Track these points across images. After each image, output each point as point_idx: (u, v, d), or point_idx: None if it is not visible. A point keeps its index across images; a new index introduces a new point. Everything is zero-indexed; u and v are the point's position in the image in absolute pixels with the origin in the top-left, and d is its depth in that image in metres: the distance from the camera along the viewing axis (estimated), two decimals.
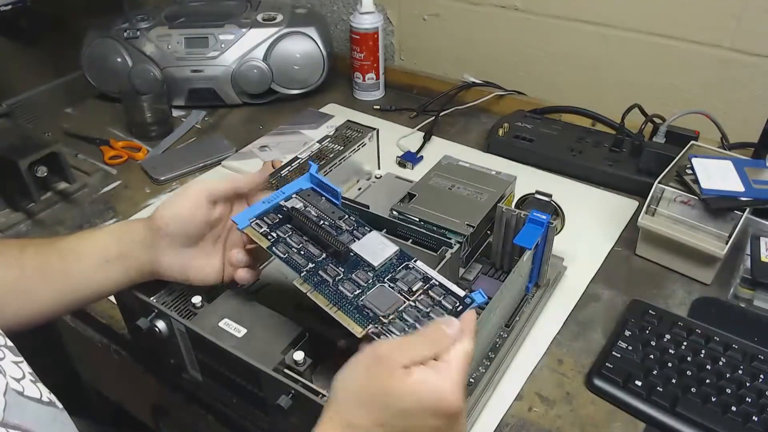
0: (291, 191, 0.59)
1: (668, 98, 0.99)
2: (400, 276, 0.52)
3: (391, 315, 0.49)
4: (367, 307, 0.49)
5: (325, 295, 0.50)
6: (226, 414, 0.62)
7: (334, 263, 0.53)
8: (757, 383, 0.58)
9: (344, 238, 0.54)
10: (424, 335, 0.45)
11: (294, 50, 1.11)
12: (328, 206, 0.58)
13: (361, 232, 0.56)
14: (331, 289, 0.51)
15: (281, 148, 1.01)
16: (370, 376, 0.42)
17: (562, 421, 0.58)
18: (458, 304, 0.50)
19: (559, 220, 0.81)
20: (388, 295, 0.50)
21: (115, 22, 1.12)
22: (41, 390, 0.42)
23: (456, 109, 1.09)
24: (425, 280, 0.51)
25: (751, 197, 0.69)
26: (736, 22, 0.89)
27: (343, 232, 0.55)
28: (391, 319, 0.48)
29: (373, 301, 0.49)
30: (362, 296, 0.50)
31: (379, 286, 0.51)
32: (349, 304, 0.49)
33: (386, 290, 0.50)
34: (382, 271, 0.52)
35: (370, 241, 0.55)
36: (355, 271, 0.52)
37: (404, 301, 0.50)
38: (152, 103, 1.05)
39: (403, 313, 0.49)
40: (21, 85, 1.19)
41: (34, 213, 0.89)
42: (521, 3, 1.06)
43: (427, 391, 0.41)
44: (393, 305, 0.49)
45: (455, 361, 0.43)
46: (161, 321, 0.56)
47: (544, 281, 0.70)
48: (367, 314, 0.49)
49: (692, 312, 0.69)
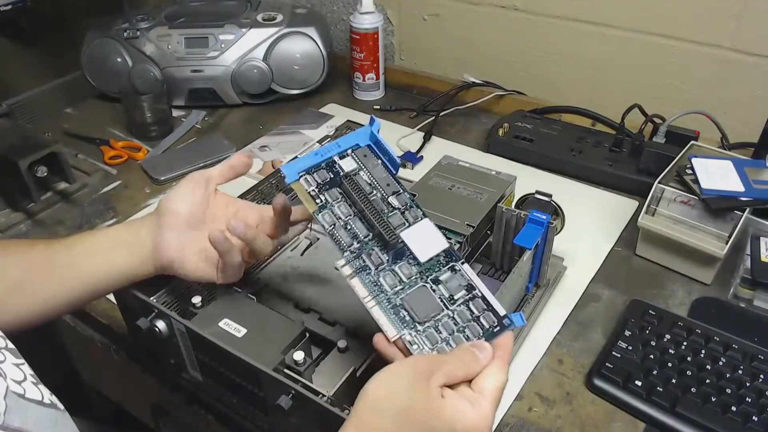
0: (347, 146, 0.52)
1: (668, 98, 0.99)
2: (444, 278, 0.48)
3: (428, 323, 0.46)
4: (405, 308, 0.46)
5: (365, 284, 0.47)
6: (226, 414, 0.62)
7: (380, 247, 0.48)
8: (757, 383, 0.58)
9: (394, 221, 0.49)
10: (457, 356, 0.44)
11: (294, 50, 1.11)
12: (383, 175, 0.51)
13: (413, 216, 0.50)
14: (372, 278, 0.47)
15: (281, 148, 1.01)
16: (409, 391, 0.41)
17: (562, 421, 0.58)
18: (496, 324, 0.47)
19: (559, 220, 0.81)
20: (428, 298, 0.47)
21: (115, 22, 1.12)
22: (42, 392, 0.42)
23: (456, 109, 1.09)
24: (468, 288, 0.48)
25: (751, 197, 0.69)
26: (736, 22, 0.89)
27: (394, 211, 0.50)
28: (426, 327, 0.46)
29: (412, 303, 0.46)
30: (402, 294, 0.47)
31: (421, 286, 0.48)
32: (387, 301, 0.46)
33: (427, 292, 0.47)
34: (427, 268, 0.48)
35: (422, 230, 0.49)
36: (399, 263, 0.48)
37: (443, 309, 0.47)
38: (152, 103, 1.05)
39: (440, 323, 0.46)
40: (21, 85, 1.19)
41: (34, 213, 0.89)
42: (521, 3, 1.06)
43: (462, 425, 0.41)
44: (432, 312, 0.46)
45: (491, 396, 0.42)
46: (161, 321, 0.56)
47: (544, 281, 0.70)
48: (404, 317, 0.46)
49: (692, 312, 0.69)
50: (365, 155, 0.52)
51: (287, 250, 0.70)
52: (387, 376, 0.42)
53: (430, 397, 0.41)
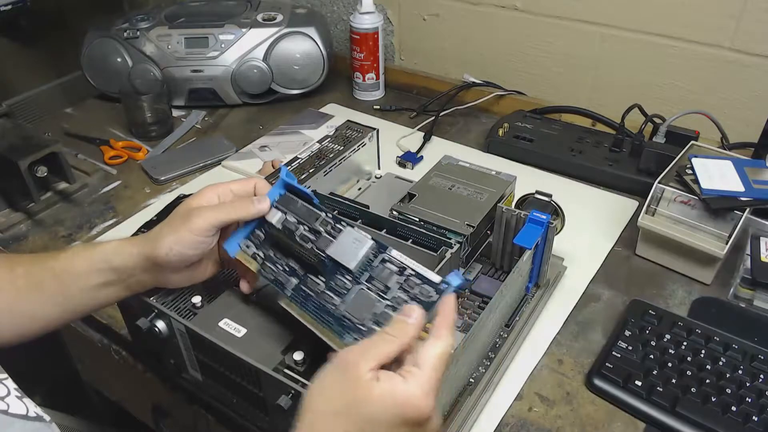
0: (272, 200, 0.56)
1: (668, 98, 0.99)
2: (376, 273, 0.49)
3: (370, 321, 0.47)
4: (346, 317, 0.48)
5: (310, 311, 0.50)
6: (226, 414, 0.62)
7: (314, 274, 0.51)
8: (757, 383, 0.58)
9: (321, 243, 0.52)
10: (387, 333, 0.44)
11: (294, 50, 1.11)
12: (305, 210, 0.54)
13: (338, 230, 0.52)
14: (316, 303, 0.50)
15: (281, 148, 1.01)
16: (338, 385, 0.42)
17: (562, 421, 0.58)
18: (434, 292, 0.47)
19: (559, 220, 0.81)
20: (366, 299, 0.48)
21: (115, 22, 1.12)
22: (27, 405, 0.42)
23: (456, 109, 1.09)
24: (400, 271, 0.48)
25: (751, 197, 0.69)
26: (736, 22, 0.89)
27: (320, 236, 0.52)
28: (369, 327, 0.47)
29: (351, 310, 0.48)
30: (343, 306, 0.49)
31: (359, 290, 0.49)
32: (331, 317, 0.49)
33: (364, 294, 0.49)
34: (360, 271, 0.50)
35: (345, 240, 0.51)
36: (334, 278, 0.50)
37: (380, 302, 0.48)
38: (152, 103, 1.05)
39: (379, 317, 0.47)
40: (21, 85, 1.19)
41: (34, 213, 0.89)
42: (521, 3, 1.06)
43: (394, 401, 0.40)
44: (369, 310, 0.48)
45: (429, 365, 0.42)
46: (161, 321, 0.56)
47: (544, 281, 0.70)
48: (347, 325, 0.48)
49: (692, 312, 0.69)
50: (286, 200, 0.55)
51: None
52: (318, 379, 0.43)
53: (358, 385, 0.41)
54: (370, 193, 0.79)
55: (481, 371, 0.60)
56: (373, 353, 0.42)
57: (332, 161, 0.74)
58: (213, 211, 0.52)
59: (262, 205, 0.54)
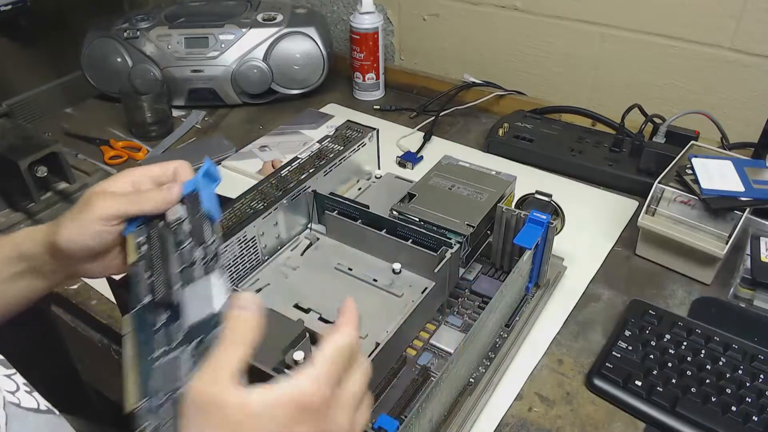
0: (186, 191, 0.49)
1: (668, 98, 0.99)
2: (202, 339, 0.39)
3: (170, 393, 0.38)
4: (155, 375, 0.39)
5: (136, 342, 0.41)
6: None
7: (165, 305, 0.43)
8: (757, 383, 0.58)
9: (195, 275, 0.44)
10: (225, 341, 0.37)
11: (294, 50, 1.11)
12: (199, 223, 0.47)
13: (207, 271, 0.44)
14: (146, 336, 0.42)
15: (281, 148, 1.01)
16: (199, 417, 0.34)
17: (562, 421, 0.58)
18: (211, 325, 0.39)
19: (559, 220, 0.81)
20: (177, 369, 0.39)
21: (115, 22, 1.12)
22: (38, 399, 0.42)
23: (456, 109, 1.09)
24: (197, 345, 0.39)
25: (751, 197, 0.69)
26: (736, 22, 0.89)
27: (194, 266, 0.44)
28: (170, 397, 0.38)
29: (163, 371, 0.39)
30: (162, 358, 0.40)
31: (175, 356, 0.39)
32: (149, 363, 0.40)
33: (179, 362, 0.39)
34: (191, 332, 0.40)
35: (202, 289, 0.43)
36: (174, 323, 0.42)
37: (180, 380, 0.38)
38: (152, 103, 1.05)
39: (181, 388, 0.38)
40: (21, 85, 1.19)
41: (34, 213, 0.89)
42: (521, 3, 1.06)
43: (276, 400, 0.34)
44: (173, 383, 0.38)
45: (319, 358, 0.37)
46: None
47: (544, 281, 0.70)
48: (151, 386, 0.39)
49: (692, 312, 0.69)
50: (193, 201, 0.48)
51: (287, 250, 0.70)
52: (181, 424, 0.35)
53: (230, 412, 0.34)
54: (370, 193, 0.79)
55: (481, 371, 0.60)
56: (226, 369, 0.35)
57: (332, 161, 0.74)
58: (116, 201, 0.47)
59: (167, 193, 0.48)
